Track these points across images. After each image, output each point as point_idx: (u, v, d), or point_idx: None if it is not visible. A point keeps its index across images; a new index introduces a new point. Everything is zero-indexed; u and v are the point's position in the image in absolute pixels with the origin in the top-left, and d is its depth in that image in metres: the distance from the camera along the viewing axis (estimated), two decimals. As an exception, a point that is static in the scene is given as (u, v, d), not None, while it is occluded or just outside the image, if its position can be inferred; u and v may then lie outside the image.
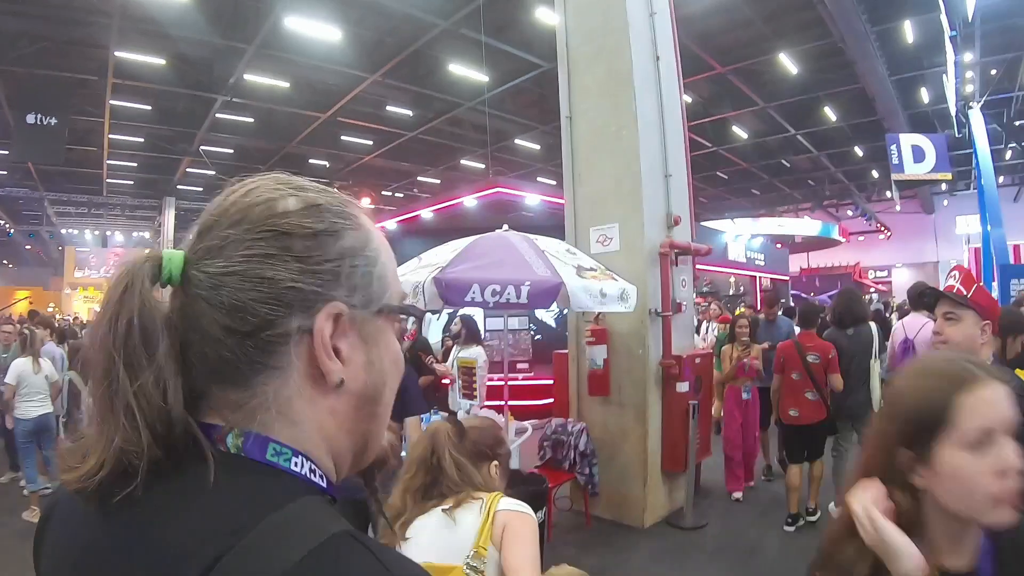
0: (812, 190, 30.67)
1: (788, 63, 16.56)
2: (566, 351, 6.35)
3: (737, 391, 6.33)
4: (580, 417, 5.79)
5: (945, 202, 31.25)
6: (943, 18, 11.11)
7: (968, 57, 12.04)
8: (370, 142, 22.85)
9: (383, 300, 0.69)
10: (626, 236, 5.48)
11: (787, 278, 27.29)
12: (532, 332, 11.62)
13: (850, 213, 32.61)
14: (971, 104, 12.36)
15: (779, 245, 28.45)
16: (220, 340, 0.61)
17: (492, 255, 3.89)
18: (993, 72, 13.59)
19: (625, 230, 5.49)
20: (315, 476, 0.64)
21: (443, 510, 1.89)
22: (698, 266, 14.63)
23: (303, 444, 0.64)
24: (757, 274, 21.25)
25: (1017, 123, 17.04)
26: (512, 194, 12.08)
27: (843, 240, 30.66)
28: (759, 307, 12.34)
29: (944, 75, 14.33)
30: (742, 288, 22.65)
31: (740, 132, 22.15)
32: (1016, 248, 19.10)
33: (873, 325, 5.63)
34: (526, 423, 6.00)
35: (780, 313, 7.81)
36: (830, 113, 20.59)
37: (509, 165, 24.99)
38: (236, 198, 0.65)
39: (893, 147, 17.00)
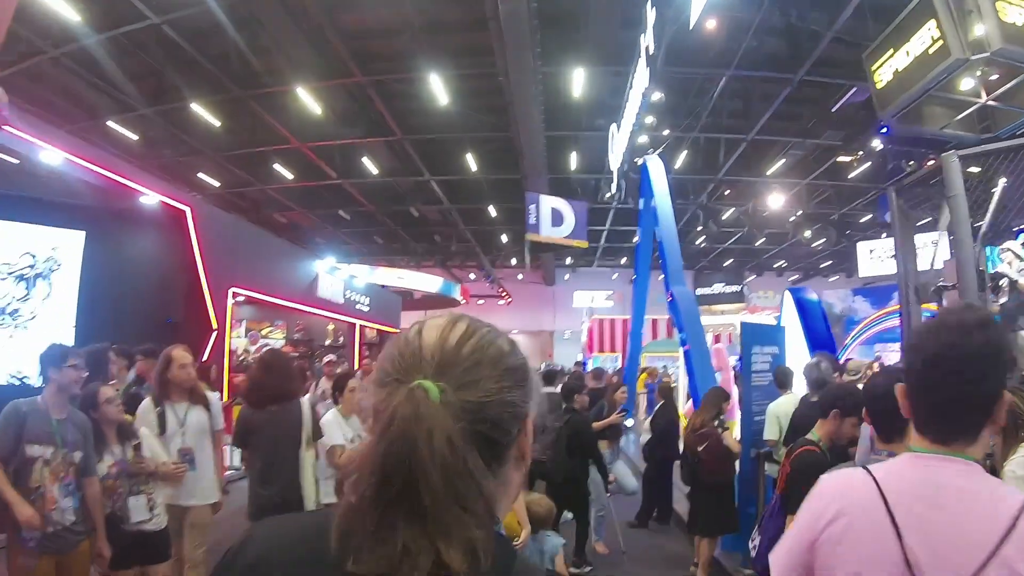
0: (437, 247, 28.53)
1: (439, 88, 13.25)
2: None
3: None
4: None
5: (567, 276, 32.41)
6: (646, 35, 8.76)
7: (656, 96, 9.96)
8: None
9: None
10: None
11: (399, 331, 24.25)
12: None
13: (472, 276, 31.57)
14: (649, 151, 10.45)
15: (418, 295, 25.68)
16: (482, 444, 0.76)
17: None
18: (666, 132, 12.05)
19: None
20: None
21: None
22: (275, 300, 10.34)
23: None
24: (359, 321, 17.11)
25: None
26: None
27: (463, 301, 29.66)
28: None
29: (616, 123, 12.58)
30: (341, 338, 18.31)
31: (371, 166, 18.43)
32: (655, 322, 19.73)
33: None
34: None
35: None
36: (471, 161, 18.15)
37: None
38: (459, 339, 0.81)
39: (532, 206, 15.40)
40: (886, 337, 12.19)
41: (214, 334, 7.32)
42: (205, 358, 6.92)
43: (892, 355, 10.39)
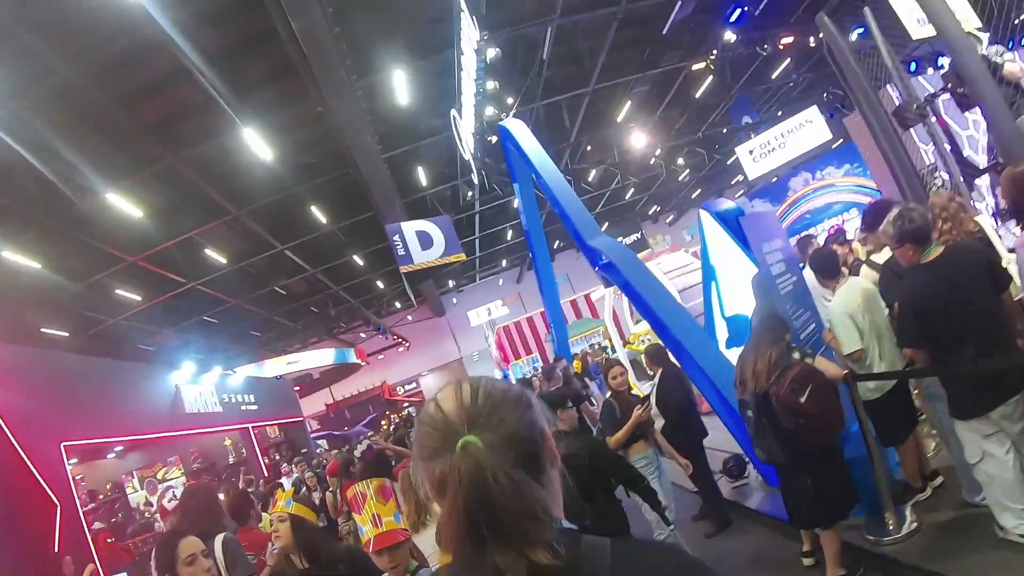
0: (317, 318, 26.51)
1: (259, 146, 11.70)
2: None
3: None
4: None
5: (455, 300, 31.47)
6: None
7: (492, 53, 9.18)
8: None
9: None
10: None
11: (301, 418, 22.62)
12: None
13: (363, 335, 29.81)
14: (503, 116, 9.59)
15: (297, 388, 24.03)
16: (527, 461, 0.96)
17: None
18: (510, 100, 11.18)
19: None
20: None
21: None
22: (129, 438, 8.79)
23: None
24: (250, 424, 15.04)
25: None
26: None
27: (363, 363, 27.91)
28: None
29: (456, 108, 11.63)
30: (244, 450, 16.39)
31: (217, 256, 16.45)
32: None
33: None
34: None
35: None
36: (319, 214, 16.65)
37: None
38: (471, 396, 1.00)
39: (396, 237, 14.25)
40: (795, 229, 12.06)
41: (59, 511, 5.39)
42: (56, 547, 5.11)
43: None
